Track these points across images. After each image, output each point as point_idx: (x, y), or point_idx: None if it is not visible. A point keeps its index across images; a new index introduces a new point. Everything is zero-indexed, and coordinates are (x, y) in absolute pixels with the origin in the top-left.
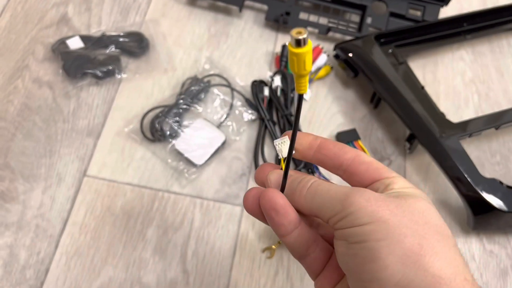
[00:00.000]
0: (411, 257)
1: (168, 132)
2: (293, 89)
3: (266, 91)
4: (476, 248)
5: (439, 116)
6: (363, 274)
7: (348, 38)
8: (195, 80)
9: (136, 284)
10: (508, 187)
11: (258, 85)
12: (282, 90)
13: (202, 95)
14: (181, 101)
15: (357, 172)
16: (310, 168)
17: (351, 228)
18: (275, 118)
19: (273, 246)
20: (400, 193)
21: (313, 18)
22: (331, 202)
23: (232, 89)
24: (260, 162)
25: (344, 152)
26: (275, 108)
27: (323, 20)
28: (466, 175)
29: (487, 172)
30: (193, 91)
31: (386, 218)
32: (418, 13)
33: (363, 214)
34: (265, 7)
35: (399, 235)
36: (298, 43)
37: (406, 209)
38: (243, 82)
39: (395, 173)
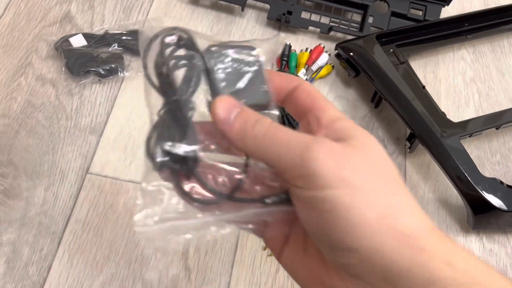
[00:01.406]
0: (383, 221)
1: None
2: None
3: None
4: (476, 247)
5: (440, 116)
6: (333, 242)
7: (349, 37)
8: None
9: (138, 281)
10: (508, 186)
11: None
12: None
13: None
14: None
15: (297, 101)
16: None
17: (314, 190)
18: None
19: None
20: (340, 135)
21: (315, 17)
22: (289, 153)
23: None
24: None
25: (290, 80)
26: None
27: (325, 20)
28: (466, 175)
29: (487, 171)
30: None
31: (352, 180)
32: (420, 13)
33: (327, 174)
34: (267, 6)
35: (368, 200)
36: None
37: (364, 160)
38: None
39: (325, 102)
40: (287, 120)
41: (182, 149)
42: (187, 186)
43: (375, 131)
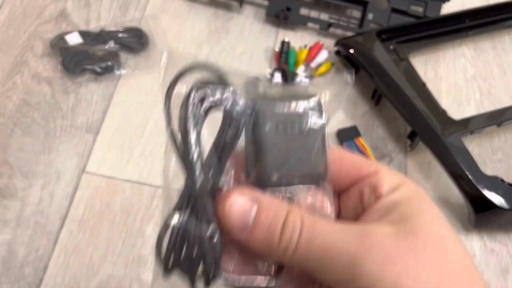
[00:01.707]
0: None
1: None
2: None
3: (261, 88)
4: (477, 246)
5: (441, 113)
6: None
7: (349, 34)
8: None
9: (135, 281)
10: (510, 184)
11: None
12: None
13: None
14: None
15: (340, 171)
16: None
17: None
18: None
19: None
20: (399, 211)
21: (314, 13)
22: (333, 268)
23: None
24: None
25: (363, 166)
26: None
27: (324, 16)
28: (467, 173)
29: (488, 169)
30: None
31: None
32: (420, 9)
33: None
34: (265, 2)
35: None
36: None
37: (426, 255)
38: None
39: (374, 164)
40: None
41: (200, 254)
42: None
43: (375, 129)
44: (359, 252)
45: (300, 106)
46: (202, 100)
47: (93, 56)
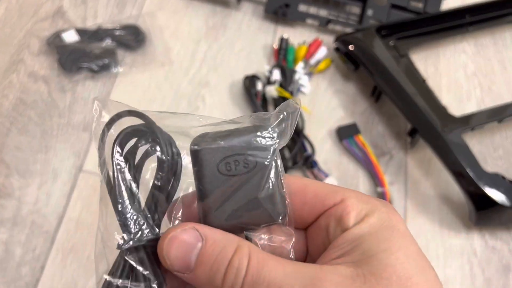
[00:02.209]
0: None
1: None
2: (291, 83)
3: (260, 86)
4: (478, 244)
5: (441, 110)
6: None
7: (348, 30)
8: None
9: None
10: (511, 181)
11: (250, 79)
12: (280, 84)
13: None
14: None
15: (303, 205)
16: (309, 162)
17: None
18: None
19: None
20: (364, 247)
21: (312, 10)
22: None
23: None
24: None
25: (330, 194)
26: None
27: (323, 12)
28: (468, 170)
29: (489, 166)
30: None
31: None
32: (420, 5)
33: None
34: None
35: None
36: None
37: None
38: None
39: (341, 192)
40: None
41: None
42: None
43: (375, 126)
44: None
45: (243, 141)
46: (131, 151)
47: (90, 54)
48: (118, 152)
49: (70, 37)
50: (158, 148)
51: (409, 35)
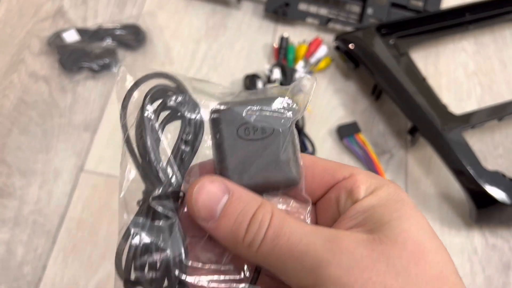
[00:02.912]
0: None
1: None
2: (292, 82)
3: (260, 85)
4: (478, 242)
5: (441, 108)
6: None
7: (348, 29)
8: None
9: None
10: (511, 179)
11: (251, 79)
12: (281, 83)
13: None
14: None
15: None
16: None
17: None
18: None
19: None
20: (375, 216)
21: (313, 9)
22: (298, 270)
23: None
24: None
25: (338, 170)
26: None
27: (323, 11)
28: (468, 168)
29: (489, 164)
30: None
31: None
32: (420, 4)
33: None
34: None
35: None
36: None
37: (399, 265)
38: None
39: (349, 168)
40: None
41: (163, 265)
42: None
43: (375, 125)
44: (326, 254)
45: (264, 108)
46: (160, 108)
47: (91, 54)
48: (149, 104)
49: (71, 37)
50: (186, 106)
51: (409, 34)
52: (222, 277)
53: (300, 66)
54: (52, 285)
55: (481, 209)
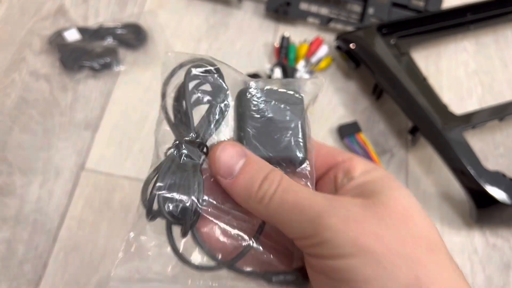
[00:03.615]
0: None
1: None
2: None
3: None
4: (479, 242)
5: (442, 108)
6: None
7: (349, 29)
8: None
9: None
10: None
11: (251, 78)
12: None
13: None
14: None
15: (316, 159)
16: None
17: (330, 260)
18: None
19: None
20: (369, 188)
21: (314, 8)
22: (300, 222)
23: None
24: None
25: (337, 155)
26: None
27: (324, 11)
28: (469, 168)
29: (490, 164)
30: None
31: (372, 247)
32: (421, 3)
33: (343, 242)
34: None
35: (392, 269)
36: None
37: (389, 222)
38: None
39: (349, 154)
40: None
41: (183, 201)
42: (182, 245)
43: (376, 124)
44: (326, 208)
45: (284, 94)
46: (200, 81)
47: (92, 53)
48: (193, 72)
49: (72, 35)
50: (223, 82)
51: (410, 34)
52: (231, 228)
53: (301, 65)
54: (53, 284)
55: (482, 209)
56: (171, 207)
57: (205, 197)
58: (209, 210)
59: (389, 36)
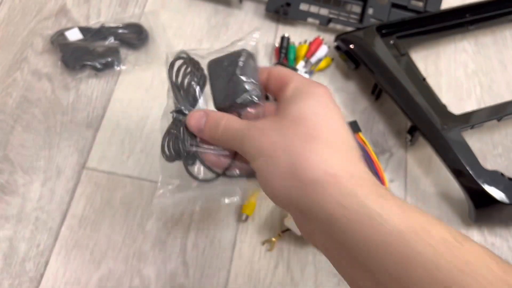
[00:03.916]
0: (288, 174)
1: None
2: None
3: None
4: (477, 241)
5: (441, 108)
6: (265, 192)
7: (349, 29)
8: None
9: (136, 276)
10: (510, 179)
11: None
12: None
13: None
14: None
15: (270, 86)
16: None
17: (250, 163)
18: None
19: (273, 239)
20: (287, 103)
21: (313, 9)
22: (234, 141)
23: None
24: None
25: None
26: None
27: (323, 11)
28: (467, 167)
29: (489, 164)
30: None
31: (267, 150)
32: (420, 4)
33: (252, 150)
34: None
35: (277, 161)
36: None
37: (284, 127)
38: None
39: (290, 73)
40: None
41: (186, 147)
42: (192, 169)
43: (375, 124)
44: (246, 130)
45: (233, 55)
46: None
47: (93, 52)
48: (189, 63)
49: (74, 35)
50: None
51: (409, 34)
52: (218, 152)
53: (301, 65)
54: (54, 281)
55: (480, 209)
56: (172, 151)
57: (195, 141)
58: (203, 147)
59: (388, 37)
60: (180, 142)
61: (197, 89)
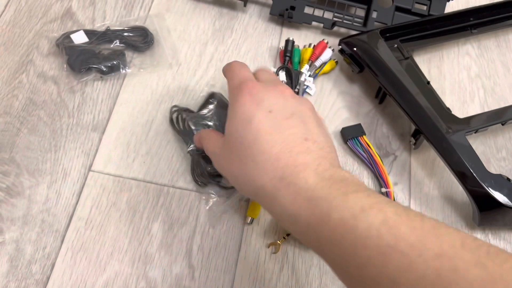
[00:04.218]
0: (247, 186)
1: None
2: (297, 85)
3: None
4: None
5: (445, 111)
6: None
7: (353, 32)
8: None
9: (142, 279)
10: None
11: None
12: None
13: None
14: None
15: None
16: None
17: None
18: None
19: (279, 242)
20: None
21: (318, 12)
22: (209, 145)
23: None
24: None
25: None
26: None
27: (328, 15)
28: (472, 171)
29: (493, 167)
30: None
31: (224, 173)
32: (424, 8)
33: (220, 171)
34: (270, 1)
35: (233, 179)
36: None
37: (227, 150)
38: None
39: (263, 72)
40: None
41: (208, 171)
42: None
43: (379, 127)
44: (212, 157)
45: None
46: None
47: (99, 55)
48: (186, 116)
49: (79, 38)
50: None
51: (413, 38)
52: None
53: (305, 69)
54: (61, 284)
55: (484, 212)
56: (201, 179)
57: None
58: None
59: (392, 40)
60: (202, 169)
61: (191, 124)
